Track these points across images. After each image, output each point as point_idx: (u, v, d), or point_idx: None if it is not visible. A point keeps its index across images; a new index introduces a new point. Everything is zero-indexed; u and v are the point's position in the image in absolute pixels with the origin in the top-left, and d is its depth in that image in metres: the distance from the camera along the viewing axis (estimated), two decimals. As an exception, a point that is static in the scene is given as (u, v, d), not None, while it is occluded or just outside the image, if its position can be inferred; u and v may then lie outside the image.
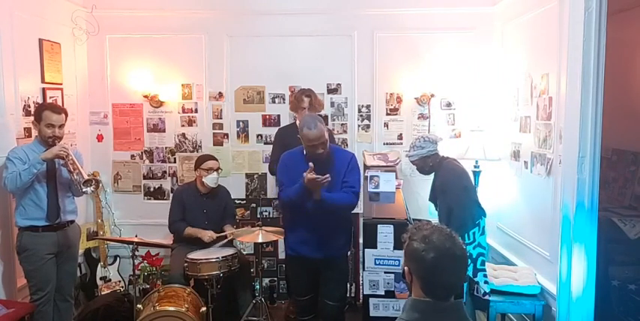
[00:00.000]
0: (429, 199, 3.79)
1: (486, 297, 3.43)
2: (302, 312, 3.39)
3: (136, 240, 3.72)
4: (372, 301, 3.56)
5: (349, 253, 4.48)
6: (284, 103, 4.76)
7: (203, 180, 4.19)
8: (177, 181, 4.82)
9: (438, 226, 1.75)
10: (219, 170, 4.26)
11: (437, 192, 3.65)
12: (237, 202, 4.75)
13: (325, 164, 3.11)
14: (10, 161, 3.29)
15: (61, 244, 3.48)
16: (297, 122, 4.27)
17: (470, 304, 3.51)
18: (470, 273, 3.44)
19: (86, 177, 3.37)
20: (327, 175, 2.97)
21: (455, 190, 3.48)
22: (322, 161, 3.09)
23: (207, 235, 4.06)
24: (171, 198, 4.46)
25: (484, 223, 3.55)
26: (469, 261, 3.41)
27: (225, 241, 4.05)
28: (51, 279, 3.46)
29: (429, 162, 3.64)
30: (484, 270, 3.47)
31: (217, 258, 3.76)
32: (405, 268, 1.73)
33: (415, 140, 3.73)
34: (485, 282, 3.44)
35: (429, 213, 4.63)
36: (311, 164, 2.98)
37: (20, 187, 3.26)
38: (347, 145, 4.75)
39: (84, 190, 3.40)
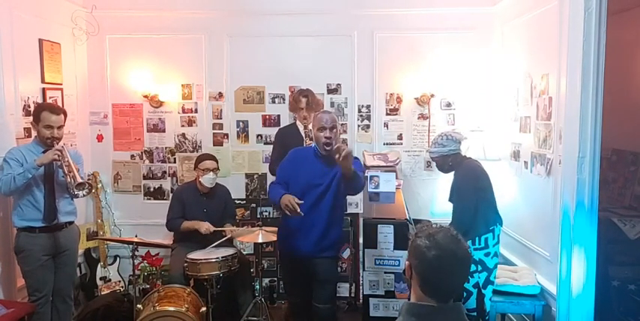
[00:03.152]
0: (449, 200, 3.63)
1: (486, 317, 3.41)
2: (295, 314, 3.40)
3: (135, 240, 3.72)
4: (372, 301, 3.57)
5: (348, 253, 4.49)
6: (284, 103, 4.76)
7: (200, 180, 4.20)
8: (177, 181, 4.82)
9: (446, 227, 1.74)
10: (217, 170, 4.27)
11: (454, 192, 3.54)
12: (237, 202, 4.75)
13: (331, 161, 3.13)
14: (6, 162, 3.28)
15: (57, 245, 3.46)
16: (297, 122, 4.28)
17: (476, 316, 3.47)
18: (479, 281, 3.39)
19: (79, 180, 3.32)
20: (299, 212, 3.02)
21: (467, 190, 3.38)
22: (329, 158, 3.11)
23: (204, 226, 4.06)
24: (171, 197, 4.46)
25: (499, 231, 3.46)
26: (480, 267, 3.39)
27: (223, 240, 4.04)
28: (48, 280, 3.44)
29: (448, 161, 3.52)
30: (493, 283, 3.43)
31: (217, 258, 3.76)
32: (407, 262, 1.73)
33: (437, 137, 3.58)
34: (490, 298, 3.41)
35: (430, 213, 4.64)
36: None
37: (14, 190, 3.25)
38: (347, 145, 4.75)
39: (76, 193, 3.36)
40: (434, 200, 4.72)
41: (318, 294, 3.22)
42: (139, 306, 3.58)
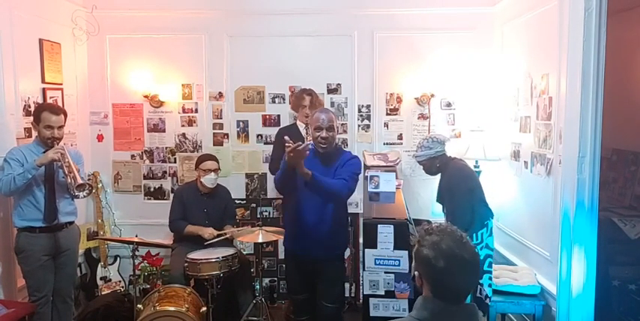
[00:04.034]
0: (437, 200, 3.72)
1: (487, 301, 3.41)
2: (298, 312, 3.39)
3: (136, 240, 3.72)
4: (372, 301, 3.56)
5: (348, 253, 4.49)
6: (284, 103, 4.76)
7: (201, 180, 4.20)
8: (177, 181, 4.82)
9: (449, 229, 1.70)
10: (218, 171, 4.27)
11: (443, 192, 3.60)
12: (237, 202, 4.75)
13: (330, 160, 3.13)
14: (7, 163, 3.27)
15: (57, 246, 3.46)
16: (298, 122, 4.28)
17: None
18: None
19: (79, 181, 3.31)
20: (302, 144, 2.84)
21: (461, 191, 3.43)
22: (328, 157, 3.11)
23: (208, 231, 4.07)
24: (172, 197, 4.46)
25: (492, 224, 3.51)
26: None
27: (222, 238, 4.04)
28: (48, 280, 3.44)
29: (436, 163, 3.59)
30: (490, 272, 3.45)
31: (217, 258, 3.76)
32: (416, 272, 1.70)
33: (422, 140, 3.67)
34: (489, 285, 3.43)
35: (431, 213, 4.64)
36: (287, 137, 2.92)
37: (14, 191, 3.25)
38: (347, 145, 4.75)
39: (76, 194, 3.35)
40: (435, 200, 4.71)
41: (326, 293, 3.21)
42: (139, 306, 3.58)
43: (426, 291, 1.69)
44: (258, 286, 4.21)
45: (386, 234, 3.47)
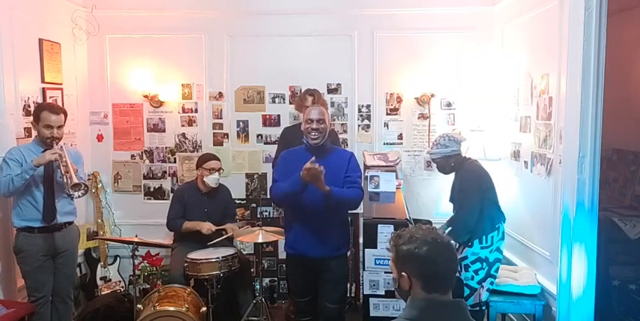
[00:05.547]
0: (450, 200, 3.68)
1: (482, 307, 3.40)
2: (301, 313, 3.39)
3: (136, 240, 3.72)
4: (372, 301, 3.56)
5: (348, 253, 4.50)
6: (284, 103, 4.77)
7: (204, 180, 4.20)
8: (177, 181, 4.82)
9: (413, 226, 1.79)
10: (221, 171, 4.27)
11: (455, 192, 3.57)
12: (238, 202, 4.75)
13: (322, 154, 3.12)
14: (6, 163, 3.26)
15: (55, 246, 3.44)
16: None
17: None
18: (482, 276, 3.41)
19: (75, 181, 3.27)
20: (322, 167, 2.91)
21: (471, 192, 3.40)
22: (320, 151, 3.11)
23: (206, 227, 4.07)
24: (172, 196, 4.47)
25: (503, 228, 3.48)
26: (485, 265, 3.40)
27: (223, 238, 4.04)
28: (47, 281, 3.43)
29: (450, 162, 3.54)
30: (495, 278, 3.44)
31: (217, 258, 3.76)
32: (403, 273, 1.72)
33: (439, 138, 3.60)
34: (488, 289, 3.42)
35: (435, 213, 4.63)
36: (313, 158, 2.96)
37: (12, 191, 3.24)
38: (347, 145, 4.75)
39: (71, 193, 3.30)
40: (439, 201, 4.68)
41: (330, 294, 3.20)
42: (139, 306, 3.58)
43: (416, 288, 1.71)
44: (258, 286, 4.21)
45: (386, 234, 3.47)
